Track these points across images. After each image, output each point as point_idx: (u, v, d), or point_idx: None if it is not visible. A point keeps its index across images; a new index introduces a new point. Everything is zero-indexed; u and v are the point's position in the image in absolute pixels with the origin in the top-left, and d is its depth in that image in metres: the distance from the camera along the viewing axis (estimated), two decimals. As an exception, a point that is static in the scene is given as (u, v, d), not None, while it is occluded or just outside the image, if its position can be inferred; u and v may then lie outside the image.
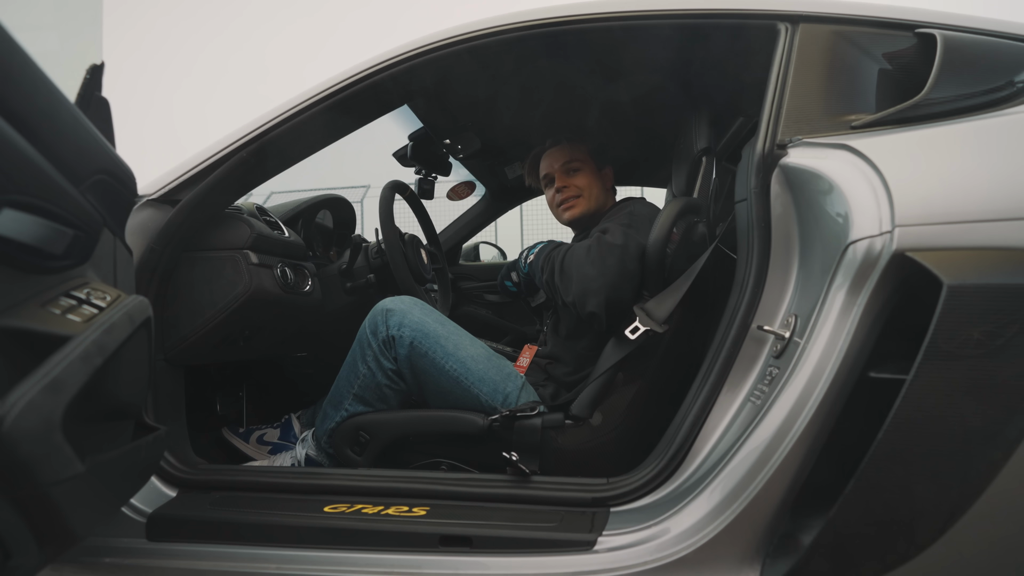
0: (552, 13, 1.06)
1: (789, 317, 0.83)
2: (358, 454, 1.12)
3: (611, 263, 1.10)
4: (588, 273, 1.11)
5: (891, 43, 0.97)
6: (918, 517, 0.67)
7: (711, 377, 0.90)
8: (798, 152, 0.87)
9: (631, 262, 1.11)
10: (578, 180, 1.38)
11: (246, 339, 1.21)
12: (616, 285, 1.10)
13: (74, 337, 0.55)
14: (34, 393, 0.47)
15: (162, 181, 1.06)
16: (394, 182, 1.53)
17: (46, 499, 0.51)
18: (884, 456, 0.66)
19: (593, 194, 1.38)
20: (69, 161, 0.61)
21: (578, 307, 1.12)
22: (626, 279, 1.11)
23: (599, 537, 0.82)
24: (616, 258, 1.11)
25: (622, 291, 1.11)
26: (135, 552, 0.91)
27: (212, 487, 1.01)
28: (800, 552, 0.70)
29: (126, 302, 0.67)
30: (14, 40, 0.51)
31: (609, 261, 1.11)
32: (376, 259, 1.46)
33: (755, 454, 0.75)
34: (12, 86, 0.50)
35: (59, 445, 0.50)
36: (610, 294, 1.09)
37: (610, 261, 1.11)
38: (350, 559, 0.85)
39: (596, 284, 1.10)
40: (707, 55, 1.12)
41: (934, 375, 0.64)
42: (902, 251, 0.67)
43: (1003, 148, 0.77)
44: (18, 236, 0.53)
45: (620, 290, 1.10)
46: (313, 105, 1.08)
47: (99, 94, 0.76)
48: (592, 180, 1.38)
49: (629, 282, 1.12)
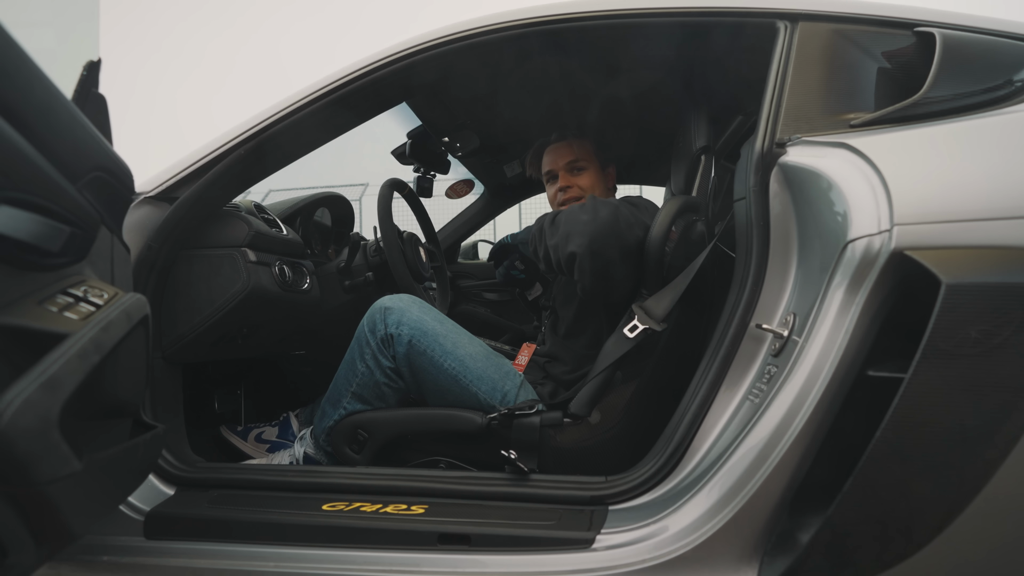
0: (551, 11, 1.05)
1: (787, 315, 0.83)
2: (356, 452, 1.12)
3: (604, 214, 1.06)
4: (579, 218, 1.07)
5: (890, 42, 0.97)
6: (916, 515, 0.67)
7: (709, 375, 0.90)
8: (797, 151, 0.87)
9: (623, 224, 1.07)
10: (582, 180, 1.36)
11: (244, 337, 1.20)
12: (603, 235, 1.04)
13: (71, 335, 0.55)
14: (31, 391, 0.47)
15: (160, 178, 1.06)
16: (393, 180, 1.52)
17: (43, 497, 0.51)
18: (882, 454, 0.66)
19: (595, 195, 1.35)
20: (66, 158, 0.60)
21: (559, 250, 1.07)
22: (615, 235, 1.06)
23: (597, 535, 0.82)
24: (609, 212, 1.07)
25: (608, 245, 1.05)
26: (133, 550, 0.91)
27: (210, 485, 1.01)
28: (798, 550, 0.70)
29: (123, 299, 0.67)
30: (10, 36, 0.51)
31: (602, 212, 1.07)
32: (375, 257, 1.46)
33: (753, 452, 0.75)
34: (8, 82, 0.50)
35: (56, 443, 0.50)
36: (595, 241, 1.04)
37: (603, 212, 1.07)
38: (348, 557, 0.85)
39: (585, 228, 1.05)
40: (706, 53, 1.12)
41: (932, 373, 0.64)
42: (900, 250, 0.67)
43: (1002, 147, 0.77)
44: (14, 233, 0.53)
45: (606, 242, 1.05)
46: (312, 102, 1.08)
47: (96, 90, 0.76)
48: (596, 181, 1.37)
49: (617, 241, 1.06)
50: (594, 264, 1.05)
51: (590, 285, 1.08)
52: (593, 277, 1.06)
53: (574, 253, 1.05)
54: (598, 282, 1.07)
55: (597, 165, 1.38)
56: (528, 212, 6.40)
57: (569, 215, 1.10)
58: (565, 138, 1.40)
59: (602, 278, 1.07)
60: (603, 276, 1.07)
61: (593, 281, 1.07)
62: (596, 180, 1.37)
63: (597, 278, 1.07)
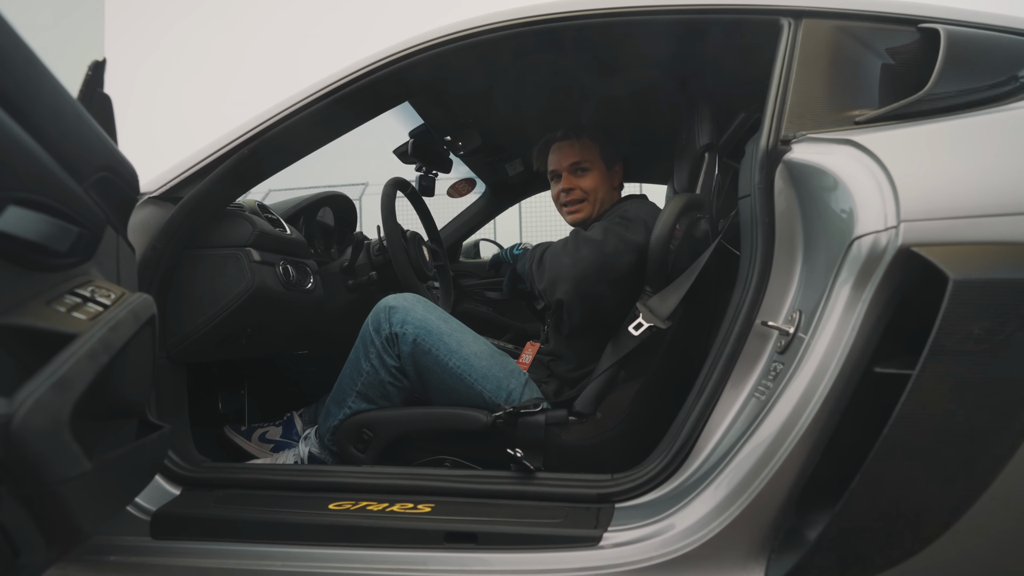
0: (553, 9, 1.05)
1: (793, 313, 0.83)
2: (362, 451, 1.12)
3: (584, 254, 1.11)
4: (562, 262, 1.13)
5: (894, 38, 0.97)
6: (923, 512, 0.67)
7: (715, 373, 0.90)
8: (802, 148, 0.87)
9: (609, 258, 1.11)
10: (585, 182, 1.35)
11: (248, 337, 1.21)
12: (587, 277, 1.09)
13: (80, 335, 0.55)
14: (42, 391, 0.47)
15: (164, 178, 1.06)
16: (396, 179, 1.52)
17: (54, 497, 0.51)
18: (889, 451, 0.66)
19: (599, 197, 1.35)
20: (73, 158, 0.60)
21: (547, 295, 1.13)
22: (600, 272, 1.10)
23: (604, 533, 0.82)
24: (591, 250, 1.11)
25: (593, 284, 1.10)
26: (139, 550, 0.91)
27: (216, 485, 1.01)
28: (805, 547, 0.71)
29: (131, 299, 0.67)
30: (19, 37, 0.51)
31: (583, 252, 1.11)
32: (378, 256, 1.46)
33: (760, 449, 0.75)
34: (17, 84, 0.50)
35: (67, 443, 0.50)
36: (580, 285, 1.09)
37: (584, 252, 1.11)
38: (356, 556, 0.85)
39: (567, 272, 1.10)
40: (710, 51, 1.12)
41: (939, 370, 0.64)
42: (907, 246, 0.67)
43: (1008, 143, 0.77)
44: (24, 234, 0.53)
45: (591, 283, 1.10)
46: (315, 102, 1.07)
47: (101, 90, 0.76)
48: (600, 182, 1.35)
49: (603, 276, 1.11)
50: (583, 306, 1.11)
51: (581, 323, 1.13)
52: (583, 316, 1.12)
53: (561, 300, 1.11)
54: (591, 318, 1.12)
55: (602, 166, 1.36)
56: (529, 210, 6.41)
57: (552, 258, 1.15)
58: (570, 137, 1.38)
59: (593, 314, 1.12)
60: (594, 312, 1.12)
61: (584, 319, 1.12)
62: (600, 181, 1.35)
63: (588, 315, 1.12)
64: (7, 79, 0.48)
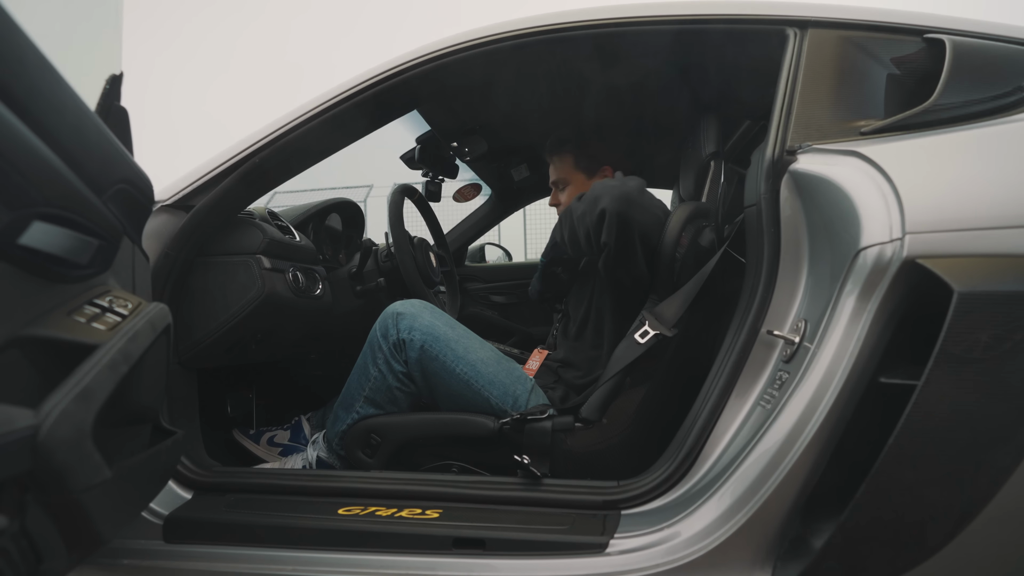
0: (560, 19, 1.06)
1: (799, 322, 0.84)
2: (369, 456, 1.13)
3: (632, 184, 1.07)
4: (608, 184, 1.07)
5: (900, 48, 0.98)
6: (929, 521, 0.67)
7: (721, 381, 0.90)
8: (807, 158, 0.88)
9: (648, 200, 1.09)
10: (565, 197, 1.41)
11: (258, 343, 1.22)
12: (631, 199, 1.05)
13: (101, 345, 0.56)
14: (67, 402, 0.48)
15: (176, 187, 1.08)
16: (403, 185, 1.54)
17: (76, 505, 0.52)
18: (895, 460, 0.66)
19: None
20: (93, 173, 0.62)
21: (588, 215, 1.06)
22: (639, 205, 1.06)
23: (611, 540, 0.83)
24: (636, 183, 1.08)
25: (634, 211, 1.05)
26: (152, 554, 0.93)
27: (227, 489, 1.02)
28: (811, 555, 0.71)
29: (148, 309, 0.68)
30: (45, 58, 0.52)
31: (630, 183, 1.07)
32: (386, 262, 1.47)
33: (766, 457, 0.76)
34: (45, 104, 0.52)
35: (90, 452, 0.51)
36: (622, 201, 1.04)
37: (631, 183, 1.07)
38: (365, 561, 0.87)
39: (613, 190, 1.04)
40: (716, 60, 1.13)
41: (945, 381, 0.64)
42: (912, 258, 0.68)
43: (1013, 154, 0.77)
44: (47, 248, 0.54)
45: (632, 208, 1.05)
46: (324, 111, 1.09)
47: (118, 103, 0.78)
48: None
49: (640, 212, 1.07)
50: (620, 224, 1.04)
51: (615, 246, 1.06)
52: (619, 237, 1.05)
53: (604, 210, 1.04)
54: (622, 248, 1.07)
55: (580, 177, 1.40)
56: (533, 215, 6.42)
57: (598, 184, 1.09)
58: (549, 154, 1.44)
59: (625, 245, 1.07)
60: (626, 243, 1.06)
61: (618, 243, 1.06)
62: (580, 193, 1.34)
63: (622, 242, 1.06)
64: (36, 100, 0.50)
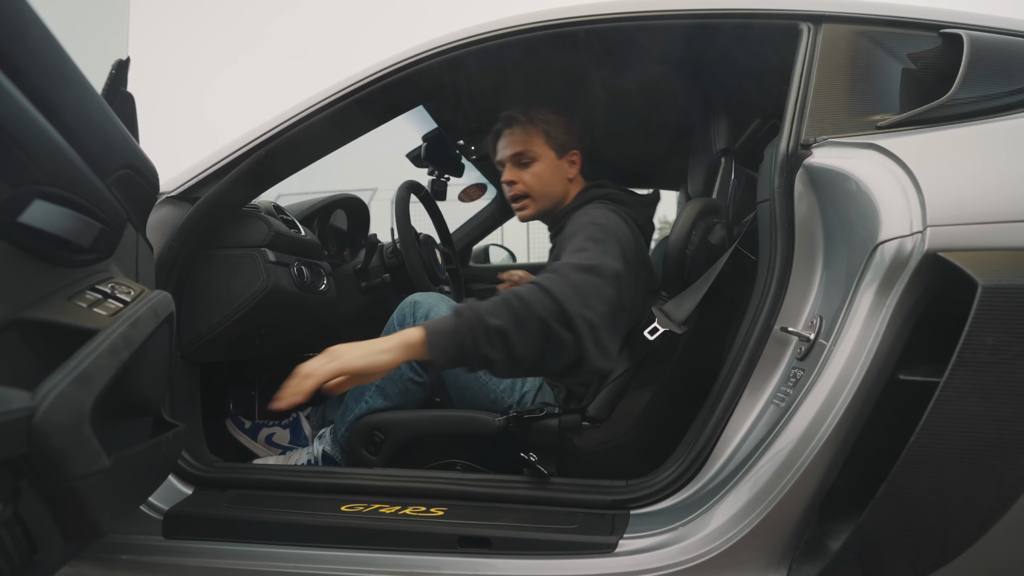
0: (568, 13, 1.05)
1: (813, 319, 0.82)
2: (373, 454, 1.11)
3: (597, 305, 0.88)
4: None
5: (915, 43, 0.96)
6: (950, 523, 0.65)
7: (733, 378, 0.89)
8: (823, 152, 0.86)
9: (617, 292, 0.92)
10: (528, 176, 1.20)
11: (262, 337, 1.21)
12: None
13: (102, 330, 0.55)
14: (64, 385, 0.47)
15: (181, 178, 1.07)
16: (410, 182, 1.52)
17: (73, 493, 0.50)
18: (916, 460, 0.64)
19: (546, 193, 1.20)
20: (97, 155, 0.61)
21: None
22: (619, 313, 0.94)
23: (620, 540, 0.81)
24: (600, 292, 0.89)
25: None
26: (152, 549, 0.91)
27: (228, 485, 1.00)
28: (828, 557, 0.69)
29: (150, 296, 0.67)
30: (49, 31, 0.51)
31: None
32: (391, 259, 1.46)
33: (781, 456, 0.74)
34: (48, 80, 0.50)
35: (88, 438, 0.49)
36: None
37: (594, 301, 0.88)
38: (368, 559, 0.85)
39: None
40: (728, 55, 1.11)
41: (968, 378, 0.63)
42: (934, 251, 0.66)
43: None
44: (48, 227, 0.53)
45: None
46: (330, 104, 1.08)
47: (124, 89, 0.77)
48: (548, 174, 1.20)
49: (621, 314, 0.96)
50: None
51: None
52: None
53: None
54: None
55: (551, 155, 1.20)
56: (537, 217, 6.40)
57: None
58: (512, 123, 1.21)
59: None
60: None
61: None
62: (549, 173, 1.20)
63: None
64: (38, 73, 0.48)
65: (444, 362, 0.80)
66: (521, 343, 0.81)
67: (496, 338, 0.81)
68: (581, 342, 0.83)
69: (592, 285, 0.88)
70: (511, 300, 0.83)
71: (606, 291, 0.90)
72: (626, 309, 0.98)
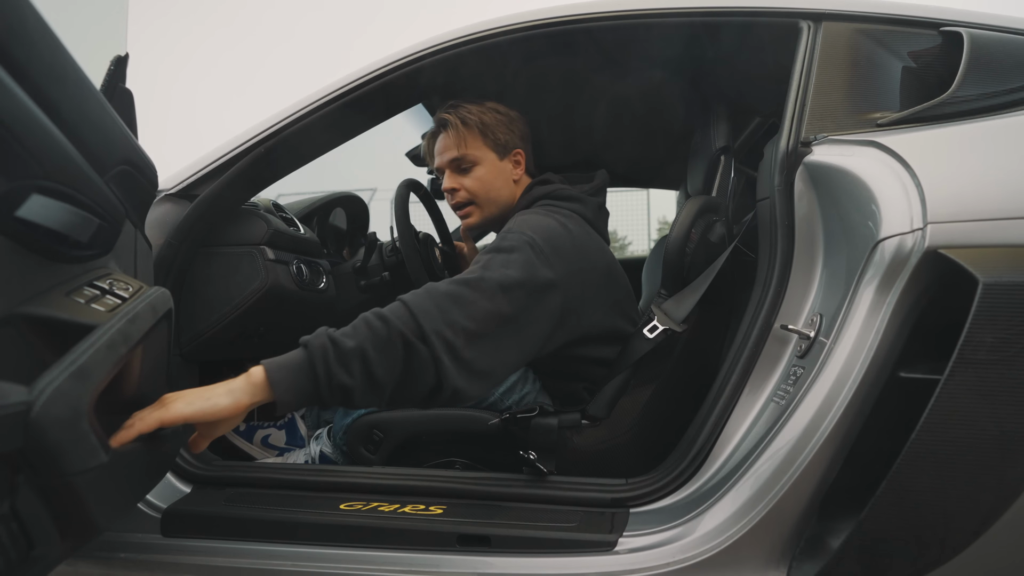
0: (568, 12, 1.05)
1: (813, 316, 0.82)
2: (372, 453, 1.11)
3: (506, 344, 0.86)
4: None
5: (915, 41, 0.97)
6: (951, 521, 0.65)
7: (733, 377, 0.88)
8: (823, 149, 0.86)
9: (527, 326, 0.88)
10: (469, 181, 1.13)
11: (260, 336, 1.20)
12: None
13: (100, 325, 0.55)
14: (62, 380, 0.47)
15: (180, 176, 1.06)
16: (409, 180, 1.52)
17: (70, 489, 0.50)
18: (916, 458, 0.64)
19: (491, 198, 1.14)
20: (95, 150, 0.60)
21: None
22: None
23: (619, 538, 0.81)
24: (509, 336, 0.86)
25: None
26: (150, 547, 0.91)
27: (226, 483, 1.00)
28: (828, 555, 0.69)
29: (149, 292, 0.67)
30: (47, 24, 0.51)
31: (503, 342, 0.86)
32: (391, 257, 1.45)
33: (781, 454, 0.74)
34: (46, 73, 0.50)
35: (85, 433, 0.49)
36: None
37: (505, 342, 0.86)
38: (367, 557, 0.84)
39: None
40: (727, 54, 1.11)
41: (969, 375, 0.63)
42: (935, 248, 0.66)
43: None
44: (46, 222, 0.53)
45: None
46: (330, 102, 1.08)
47: (123, 85, 0.76)
48: (490, 177, 1.14)
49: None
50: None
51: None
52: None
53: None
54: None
55: (492, 156, 1.13)
56: (536, 217, 6.41)
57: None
58: (446, 127, 1.14)
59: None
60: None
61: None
62: (491, 176, 1.13)
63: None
64: (36, 65, 0.48)
65: (292, 401, 0.72)
66: (381, 365, 0.75)
67: (354, 361, 0.74)
68: (438, 362, 0.77)
69: (460, 299, 0.82)
70: (370, 319, 0.78)
71: (480, 305, 0.82)
72: (545, 320, 0.91)
